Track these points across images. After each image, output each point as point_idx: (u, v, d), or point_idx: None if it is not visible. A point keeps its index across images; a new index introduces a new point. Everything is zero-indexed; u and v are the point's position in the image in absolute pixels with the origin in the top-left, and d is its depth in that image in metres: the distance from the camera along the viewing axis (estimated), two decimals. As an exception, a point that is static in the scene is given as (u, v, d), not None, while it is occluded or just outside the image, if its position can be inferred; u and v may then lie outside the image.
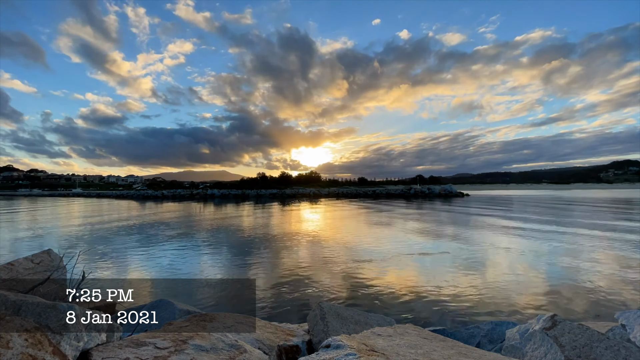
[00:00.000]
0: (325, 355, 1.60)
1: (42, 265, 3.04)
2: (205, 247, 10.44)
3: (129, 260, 8.62)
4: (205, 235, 13.17)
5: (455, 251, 9.22)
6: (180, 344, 1.78)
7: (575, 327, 2.12)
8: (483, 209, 25.41)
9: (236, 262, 8.31)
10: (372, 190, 63.42)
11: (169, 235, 13.09)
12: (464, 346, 1.99)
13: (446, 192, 56.36)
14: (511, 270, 7.14)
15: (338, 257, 8.64)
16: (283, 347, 2.16)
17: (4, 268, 2.84)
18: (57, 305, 1.54)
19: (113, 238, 12.56)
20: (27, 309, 1.50)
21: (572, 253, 8.78)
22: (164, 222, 18.67)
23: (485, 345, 3.04)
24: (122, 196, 75.97)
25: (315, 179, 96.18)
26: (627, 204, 30.13)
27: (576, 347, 1.99)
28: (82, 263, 5.82)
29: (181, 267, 7.86)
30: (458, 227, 14.57)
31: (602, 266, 7.35)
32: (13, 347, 1.19)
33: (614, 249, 9.28)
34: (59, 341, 1.45)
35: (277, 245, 10.60)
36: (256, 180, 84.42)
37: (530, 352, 2.15)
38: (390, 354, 1.66)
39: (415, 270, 7.29)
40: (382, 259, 8.40)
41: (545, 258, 8.22)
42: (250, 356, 1.88)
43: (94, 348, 1.64)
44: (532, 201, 35.92)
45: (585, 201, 34.87)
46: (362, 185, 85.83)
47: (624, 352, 1.92)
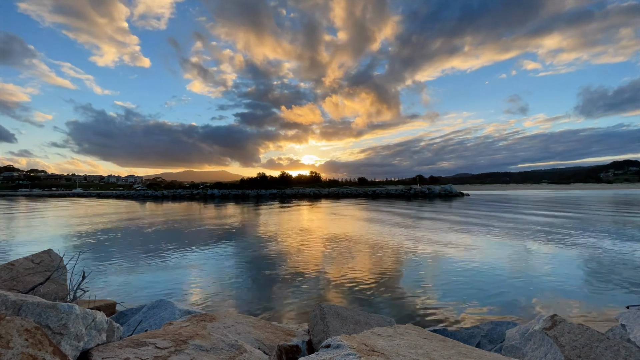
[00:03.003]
0: (325, 355, 1.60)
1: (42, 265, 3.05)
2: (205, 246, 10.44)
3: (129, 260, 8.62)
4: (205, 235, 13.17)
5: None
6: (180, 344, 1.78)
7: (575, 327, 2.12)
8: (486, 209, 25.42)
9: (236, 262, 8.31)
10: (372, 190, 63.44)
11: (169, 235, 13.09)
12: (464, 346, 1.99)
13: (446, 192, 56.38)
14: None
15: (338, 257, 8.65)
16: (283, 347, 2.16)
17: (5, 268, 2.84)
18: (58, 305, 1.54)
19: (113, 238, 12.56)
20: (27, 309, 1.50)
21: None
22: (164, 222, 18.67)
23: (485, 345, 3.04)
24: (122, 196, 75.97)
25: (315, 179, 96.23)
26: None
27: (576, 347, 1.99)
28: (82, 263, 5.83)
29: (181, 267, 7.86)
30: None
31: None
32: (13, 347, 1.20)
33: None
34: (59, 341, 1.45)
35: (277, 245, 10.60)
36: (256, 180, 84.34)
37: (530, 352, 2.15)
38: (391, 354, 1.66)
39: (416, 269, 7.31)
40: (383, 259, 8.41)
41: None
42: (250, 356, 1.88)
43: (94, 348, 1.64)
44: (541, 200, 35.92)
45: (581, 200, 34.88)
46: (362, 185, 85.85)
47: (624, 352, 1.92)
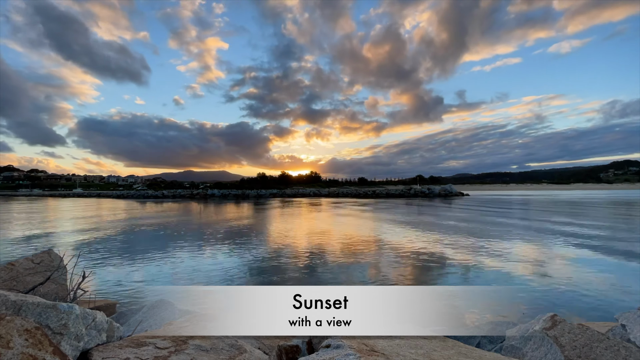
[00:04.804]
0: (325, 355, 1.60)
1: (42, 266, 3.05)
2: (206, 246, 10.45)
3: (130, 260, 8.62)
4: (205, 235, 13.17)
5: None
6: (180, 344, 1.78)
7: (575, 327, 2.12)
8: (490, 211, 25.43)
9: (235, 261, 8.31)
10: (372, 190, 63.49)
11: (169, 235, 13.10)
12: (464, 346, 1.99)
13: (446, 192, 56.42)
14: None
15: (337, 257, 8.65)
16: (283, 347, 2.16)
17: (5, 268, 2.84)
18: (58, 305, 1.54)
19: (113, 238, 12.56)
20: (27, 309, 1.50)
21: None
22: (164, 222, 18.68)
23: (485, 345, 3.04)
24: (122, 196, 76.00)
25: (315, 178, 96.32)
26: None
27: (576, 347, 1.99)
28: (82, 263, 5.83)
29: (181, 266, 7.86)
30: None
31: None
32: (13, 347, 1.20)
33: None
34: (59, 341, 1.45)
35: (277, 245, 10.60)
36: (256, 180, 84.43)
37: (530, 352, 2.15)
38: (391, 354, 1.66)
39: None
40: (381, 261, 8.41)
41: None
42: (250, 356, 1.88)
43: (94, 348, 1.64)
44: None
45: (577, 201, 34.86)
46: (362, 185, 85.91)
47: (624, 352, 1.92)
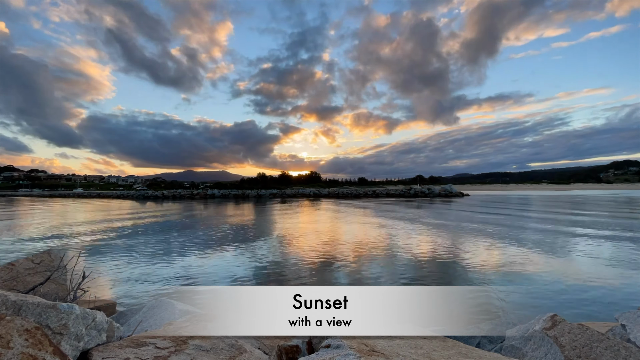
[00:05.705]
0: (325, 355, 1.60)
1: (42, 266, 3.05)
2: (205, 246, 10.44)
3: (130, 260, 8.62)
4: (205, 235, 13.17)
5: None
6: (180, 344, 1.78)
7: (575, 327, 2.12)
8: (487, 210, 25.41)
9: (235, 261, 8.31)
10: (372, 190, 63.48)
11: (169, 235, 13.09)
12: (464, 346, 1.99)
13: (446, 192, 56.39)
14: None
15: (337, 256, 8.65)
16: (283, 347, 2.16)
17: (5, 268, 2.84)
18: (58, 305, 1.54)
19: (113, 238, 12.56)
20: (27, 309, 1.50)
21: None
22: (164, 222, 18.67)
23: (485, 345, 3.04)
24: (122, 196, 75.95)
25: (315, 178, 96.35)
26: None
27: (576, 347, 1.99)
28: (82, 263, 5.83)
29: (181, 266, 7.86)
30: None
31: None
32: (13, 347, 1.20)
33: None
34: (59, 341, 1.45)
35: (277, 244, 10.60)
36: (256, 180, 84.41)
37: (531, 352, 2.15)
38: (391, 354, 1.66)
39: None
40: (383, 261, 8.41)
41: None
42: (250, 356, 1.88)
43: (94, 348, 1.64)
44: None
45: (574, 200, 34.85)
46: (362, 185, 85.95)
47: (624, 352, 1.92)
